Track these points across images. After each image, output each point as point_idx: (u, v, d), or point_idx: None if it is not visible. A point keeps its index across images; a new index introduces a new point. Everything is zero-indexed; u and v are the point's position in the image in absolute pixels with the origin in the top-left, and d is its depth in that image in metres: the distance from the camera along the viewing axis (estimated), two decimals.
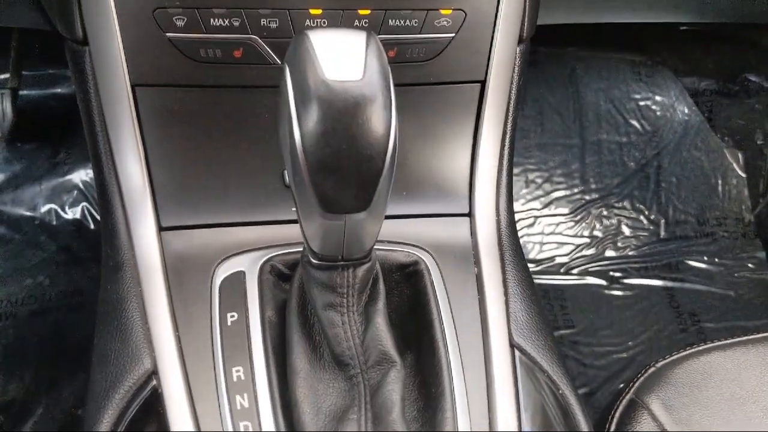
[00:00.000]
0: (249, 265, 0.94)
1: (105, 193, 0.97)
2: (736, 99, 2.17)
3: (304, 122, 0.64)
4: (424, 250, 0.98)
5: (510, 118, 1.03)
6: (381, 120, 0.65)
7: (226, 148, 0.98)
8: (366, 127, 0.64)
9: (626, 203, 2.15)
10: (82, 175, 1.96)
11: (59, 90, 2.08)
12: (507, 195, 1.05)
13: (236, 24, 0.88)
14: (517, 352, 0.92)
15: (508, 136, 1.03)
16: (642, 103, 2.21)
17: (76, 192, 1.94)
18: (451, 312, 0.93)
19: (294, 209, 0.75)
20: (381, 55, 0.68)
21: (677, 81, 2.21)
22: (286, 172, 0.73)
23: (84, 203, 1.93)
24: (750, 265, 2.10)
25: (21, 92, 2.02)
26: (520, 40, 1.00)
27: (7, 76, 1.94)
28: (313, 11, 0.89)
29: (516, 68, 1.01)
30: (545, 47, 2.18)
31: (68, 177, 1.95)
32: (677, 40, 2.19)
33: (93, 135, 0.96)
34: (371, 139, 0.65)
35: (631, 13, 1.56)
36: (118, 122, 0.93)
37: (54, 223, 1.90)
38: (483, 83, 0.99)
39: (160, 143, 0.95)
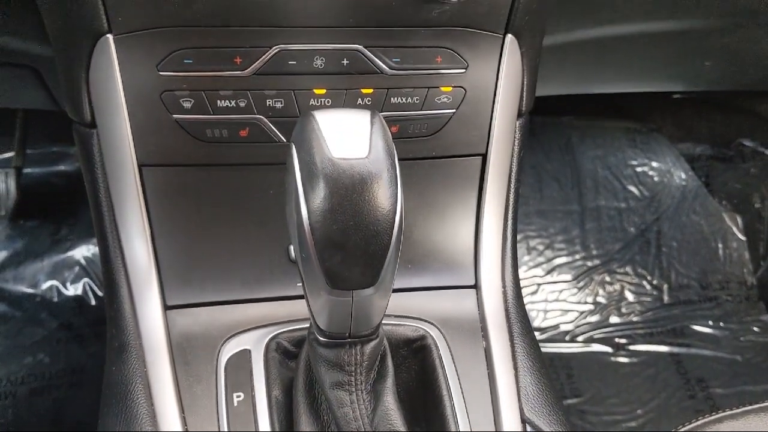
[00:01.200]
0: (255, 343, 0.94)
1: (110, 272, 0.97)
2: (732, 164, 2.20)
3: (311, 199, 0.65)
4: (431, 323, 0.98)
5: (512, 190, 1.04)
6: (387, 196, 0.66)
7: (232, 225, 0.98)
8: (373, 203, 0.65)
9: (628, 269, 2.16)
10: (84, 251, 1.97)
11: (62, 167, 2.11)
12: (512, 265, 1.05)
13: (242, 105, 0.90)
14: (528, 428, 0.90)
15: (510, 207, 1.04)
16: (639, 169, 2.24)
17: (77, 268, 1.94)
18: (461, 387, 0.92)
19: (300, 284, 0.75)
20: (385, 133, 0.70)
21: (672, 147, 2.25)
22: (291, 247, 0.73)
23: (85, 279, 1.93)
24: (755, 328, 2.09)
25: (24, 170, 2.05)
26: (519, 114, 1.02)
27: (11, 155, 1.97)
28: (317, 91, 0.91)
29: (516, 141, 1.03)
30: (541, 116, 2.23)
31: (70, 253, 1.96)
32: (671, 108, 2.24)
33: (99, 215, 0.97)
34: (378, 215, 0.66)
35: (624, 83, 1.60)
36: (125, 202, 0.94)
37: (55, 299, 1.90)
38: (484, 156, 1.00)
39: (165, 222, 0.96)
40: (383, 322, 0.81)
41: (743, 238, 2.20)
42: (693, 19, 1.32)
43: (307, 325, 0.83)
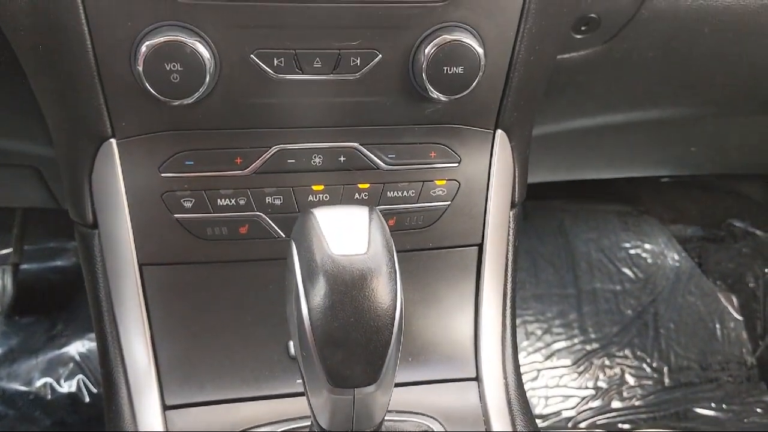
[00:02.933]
0: None
1: (109, 371, 0.96)
2: (724, 244, 2.23)
3: (312, 297, 0.66)
4: (433, 418, 0.97)
5: (509, 280, 1.05)
6: (387, 291, 0.67)
7: (231, 322, 0.99)
8: (373, 299, 0.66)
9: (627, 352, 2.14)
10: (79, 347, 1.95)
11: (59, 263, 2.11)
12: (512, 355, 1.05)
13: (242, 203, 0.92)
14: None
15: (508, 296, 1.05)
16: (632, 252, 2.26)
17: (72, 364, 1.92)
18: None
19: (299, 381, 0.75)
20: (383, 228, 0.71)
21: (664, 228, 2.28)
22: (291, 343, 0.74)
23: (80, 375, 1.90)
24: (758, 409, 2.07)
25: (21, 266, 2.05)
26: (513, 205, 1.04)
27: (9, 251, 1.98)
28: (315, 187, 0.93)
29: (511, 231, 1.05)
30: (532, 200, 2.26)
31: (65, 349, 1.94)
32: (660, 190, 2.28)
33: (99, 314, 0.97)
34: (379, 311, 0.66)
35: (613, 169, 1.64)
36: (125, 301, 0.95)
37: (49, 397, 1.87)
38: (480, 247, 1.02)
39: (165, 320, 0.96)
40: (385, 417, 0.80)
41: (740, 317, 2.21)
42: (675, 108, 1.36)
43: (308, 423, 0.82)
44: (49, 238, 2.11)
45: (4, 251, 2.00)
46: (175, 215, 0.91)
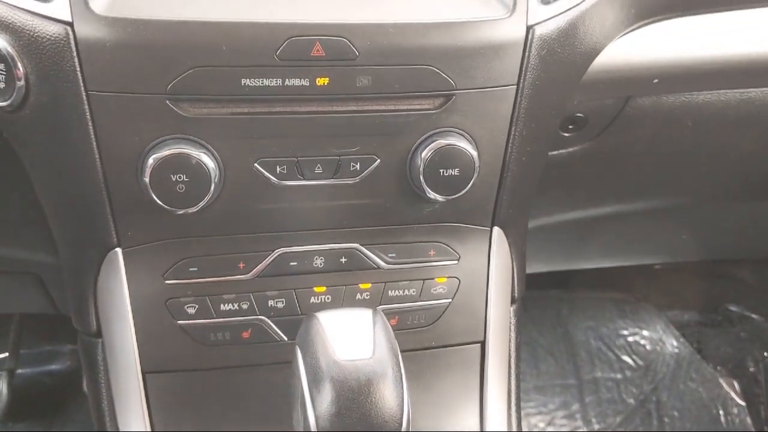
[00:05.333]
0: None
1: None
2: (721, 329, 2.23)
3: (318, 403, 0.66)
4: None
5: (513, 375, 1.05)
6: (394, 396, 0.67)
7: (235, 428, 0.98)
8: (380, 404, 0.66)
9: None
10: None
11: (54, 366, 2.08)
12: None
13: (245, 307, 0.93)
14: None
15: (513, 393, 1.05)
16: (630, 339, 2.26)
17: None
18: None
19: None
20: (388, 331, 0.72)
21: (661, 315, 2.28)
22: None
23: None
24: None
25: (16, 371, 2.02)
26: (513, 300, 1.06)
27: (4, 356, 1.96)
28: (317, 289, 0.95)
29: (512, 327, 1.05)
30: (529, 291, 2.27)
31: None
32: (654, 277, 2.30)
33: (101, 421, 0.96)
34: (386, 417, 0.67)
35: (608, 259, 1.66)
36: (128, 409, 0.94)
37: None
38: (483, 344, 1.03)
39: (168, 427, 0.95)
40: None
41: (742, 403, 2.18)
42: (664, 198, 1.40)
43: None
44: (44, 342, 2.09)
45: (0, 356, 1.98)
46: (179, 322, 0.92)
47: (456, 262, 0.99)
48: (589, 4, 0.91)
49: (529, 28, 0.87)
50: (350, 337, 0.72)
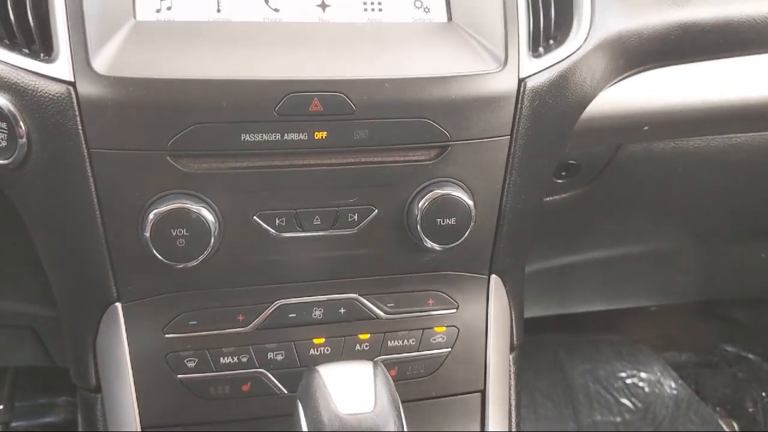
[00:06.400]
0: None
1: None
2: (718, 369, 2.22)
3: None
4: None
5: (513, 424, 1.05)
6: None
7: None
8: None
9: None
10: None
11: (48, 419, 2.05)
12: None
13: (244, 360, 0.93)
14: None
15: None
16: (629, 381, 2.25)
17: None
18: None
19: None
20: (389, 383, 0.73)
21: (658, 356, 2.28)
22: None
23: None
24: None
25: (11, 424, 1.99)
26: (512, 348, 1.06)
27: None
28: (316, 341, 0.95)
29: (512, 375, 1.05)
30: (526, 334, 2.26)
31: None
32: (651, 319, 2.30)
33: None
34: None
35: (604, 302, 1.67)
36: None
37: None
38: (483, 393, 1.03)
39: None
40: None
41: None
42: (657, 242, 1.41)
43: None
44: (38, 394, 2.06)
45: None
46: (179, 376, 0.92)
47: (455, 310, 1.00)
48: (579, 57, 0.93)
49: (520, 81, 0.89)
50: (351, 391, 0.72)
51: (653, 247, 1.44)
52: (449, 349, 1.00)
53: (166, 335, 0.91)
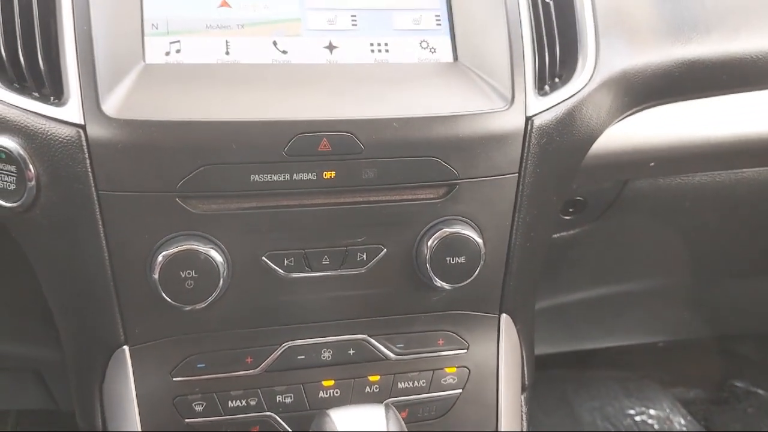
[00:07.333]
0: None
1: None
2: (728, 405, 2.19)
3: None
4: None
5: None
6: None
7: None
8: None
9: None
10: None
11: None
12: None
13: (253, 403, 0.92)
14: None
15: None
16: (638, 419, 2.21)
17: None
18: None
19: None
20: (401, 427, 0.71)
21: (666, 393, 2.25)
22: None
23: None
24: None
25: None
26: (523, 389, 1.04)
27: None
28: (325, 383, 0.94)
29: (523, 416, 1.04)
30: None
31: None
32: (658, 354, 2.28)
33: None
34: None
35: (611, 338, 1.66)
36: None
37: None
38: None
39: None
40: None
41: None
42: (665, 277, 1.41)
43: None
44: None
45: None
46: (186, 420, 0.90)
47: (465, 350, 0.98)
48: (585, 94, 0.94)
49: (528, 119, 0.90)
50: None
51: (661, 282, 1.43)
52: (460, 390, 0.99)
53: (174, 378, 0.90)
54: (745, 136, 1.10)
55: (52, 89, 0.80)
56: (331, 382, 0.94)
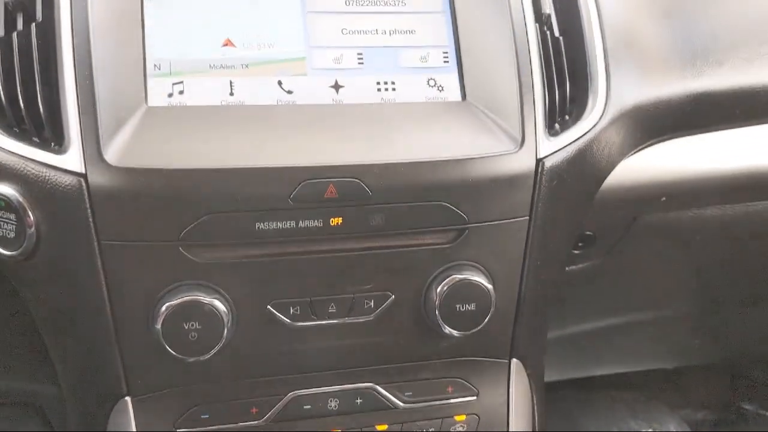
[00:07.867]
0: None
1: None
2: (737, 427, 2.17)
3: None
4: None
5: None
6: None
7: None
8: None
9: None
10: None
11: None
12: None
13: None
14: None
15: None
16: None
17: None
18: None
19: None
20: None
21: (674, 414, 2.23)
22: None
23: None
24: None
25: None
26: None
27: None
28: None
29: None
30: None
31: None
32: (665, 375, 2.26)
33: None
34: None
35: (620, 365, 1.64)
36: None
37: None
38: None
39: None
40: None
41: None
42: (675, 308, 1.39)
43: None
44: None
45: None
46: None
47: (475, 397, 0.96)
48: (595, 133, 0.92)
49: (538, 161, 0.88)
50: None
51: (671, 312, 1.41)
52: None
53: (178, 430, 0.88)
54: (759, 169, 1.08)
55: (52, 133, 0.78)
56: None
